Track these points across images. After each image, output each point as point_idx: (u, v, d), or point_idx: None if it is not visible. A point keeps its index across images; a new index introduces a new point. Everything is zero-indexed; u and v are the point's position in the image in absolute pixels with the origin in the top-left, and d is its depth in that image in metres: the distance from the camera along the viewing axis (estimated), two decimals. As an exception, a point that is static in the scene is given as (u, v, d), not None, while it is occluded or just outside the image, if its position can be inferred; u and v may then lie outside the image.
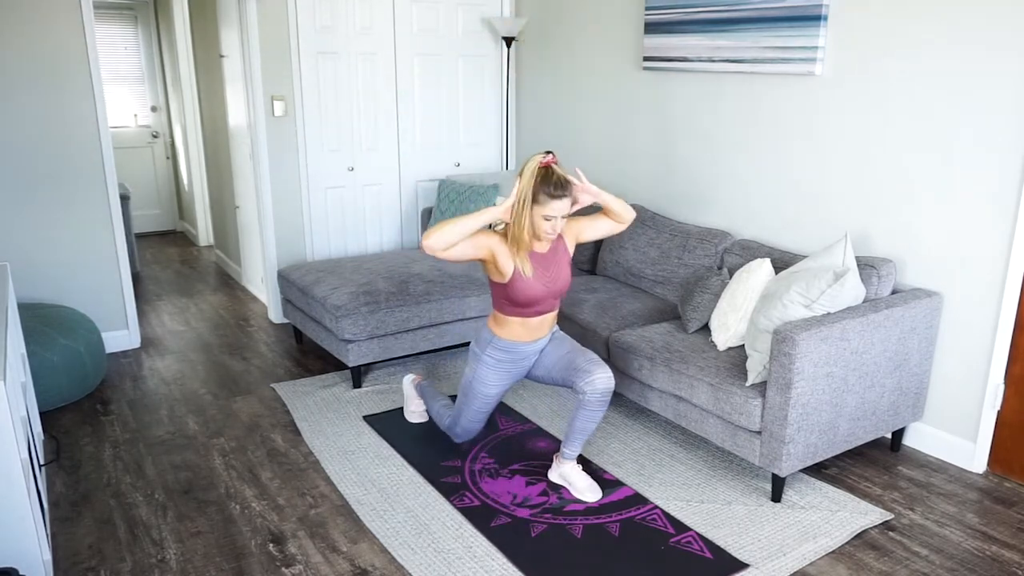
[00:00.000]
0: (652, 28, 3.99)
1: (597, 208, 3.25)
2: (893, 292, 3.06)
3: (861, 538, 2.60)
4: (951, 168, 2.92)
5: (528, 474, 2.98)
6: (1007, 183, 2.78)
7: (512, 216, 2.63)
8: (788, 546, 2.54)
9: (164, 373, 4.01)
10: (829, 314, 2.76)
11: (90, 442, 3.27)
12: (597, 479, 2.93)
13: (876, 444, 3.23)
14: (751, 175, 3.69)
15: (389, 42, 4.71)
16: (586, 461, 3.07)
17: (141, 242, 7.03)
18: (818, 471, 3.02)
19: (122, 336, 4.30)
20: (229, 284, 5.71)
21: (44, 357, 3.43)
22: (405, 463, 3.06)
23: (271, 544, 2.57)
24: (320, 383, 3.84)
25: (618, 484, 2.91)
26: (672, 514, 2.72)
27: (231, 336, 4.57)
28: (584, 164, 4.68)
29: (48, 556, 2.34)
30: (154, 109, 7.06)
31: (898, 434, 3.17)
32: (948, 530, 2.66)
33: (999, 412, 2.97)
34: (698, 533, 2.60)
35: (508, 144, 5.20)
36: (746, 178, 3.72)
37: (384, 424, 3.39)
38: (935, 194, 2.99)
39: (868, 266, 2.98)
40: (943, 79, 2.90)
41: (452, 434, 3.11)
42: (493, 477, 2.96)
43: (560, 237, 2.80)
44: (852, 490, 2.90)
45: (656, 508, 2.75)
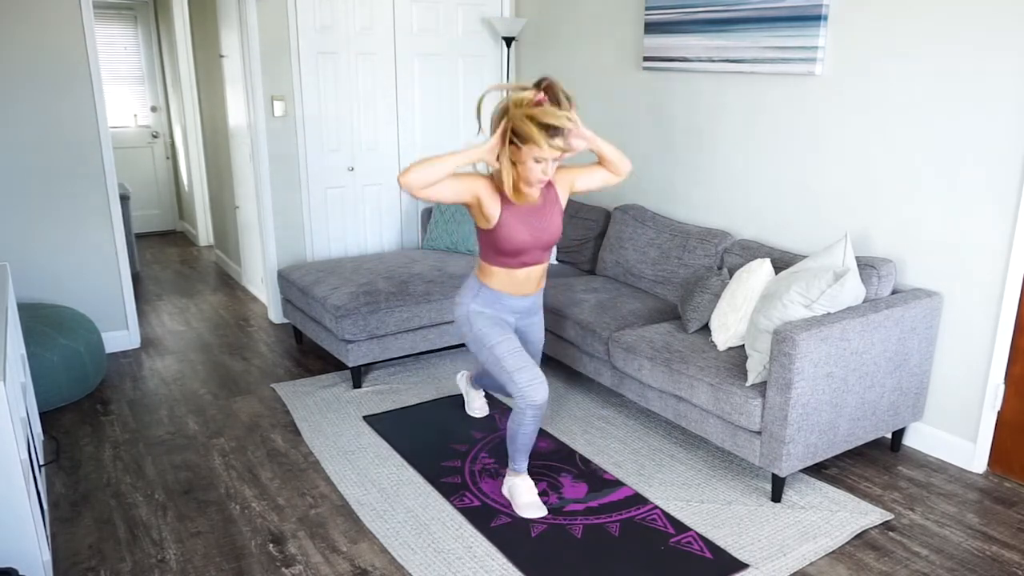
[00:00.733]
0: (652, 28, 3.99)
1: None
2: (893, 292, 3.06)
3: (861, 538, 2.60)
4: (951, 168, 2.92)
5: (528, 474, 2.97)
6: (1007, 183, 2.78)
7: (499, 159, 2.48)
8: (788, 546, 2.54)
9: (164, 373, 4.01)
10: (829, 314, 2.76)
11: (90, 442, 3.27)
12: (597, 479, 2.93)
13: (876, 444, 3.23)
14: (751, 175, 3.69)
15: (389, 42, 4.71)
16: (586, 461, 3.07)
17: (141, 242, 7.03)
18: (818, 471, 3.02)
19: (122, 336, 4.30)
20: (229, 284, 5.71)
21: (44, 357, 3.43)
22: (405, 463, 3.06)
23: (271, 544, 2.57)
24: (320, 383, 3.84)
25: (618, 484, 2.91)
26: (672, 514, 2.71)
27: (231, 336, 4.57)
28: (584, 164, 4.67)
29: (48, 556, 2.34)
30: (154, 109, 7.06)
31: (898, 434, 3.17)
32: (948, 530, 2.65)
33: (999, 412, 2.97)
34: (698, 533, 2.60)
35: (508, 144, 5.19)
36: (746, 178, 3.72)
37: (384, 424, 3.39)
38: (935, 194, 2.99)
39: (868, 266, 2.98)
40: (943, 79, 2.90)
41: (525, 399, 2.61)
42: (493, 477, 2.96)
43: (552, 186, 2.67)
44: (852, 490, 2.90)
45: (656, 508, 2.75)
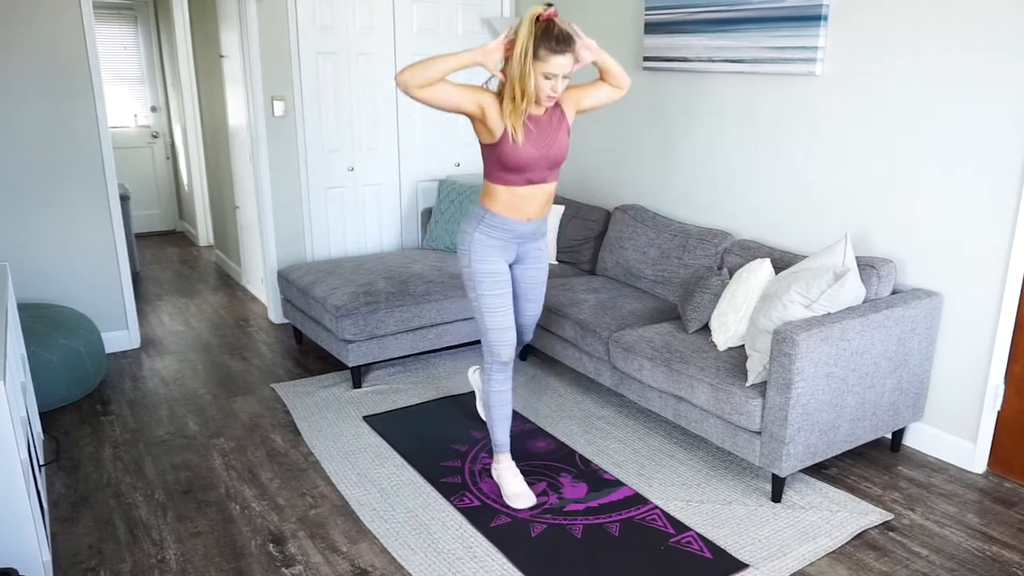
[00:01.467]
0: (652, 28, 3.99)
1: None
2: (893, 292, 3.06)
3: (861, 538, 2.60)
4: (951, 168, 2.92)
5: (527, 474, 2.97)
6: (1007, 183, 2.77)
7: (506, 73, 2.45)
8: (788, 546, 2.54)
9: (164, 373, 4.01)
10: (829, 314, 2.76)
11: (90, 442, 3.27)
12: (597, 479, 2.93)
13: (876, 444, 3.23)
14: (751, 175, 3.69)
15: (389, 42, 4.71)
16: (586, 461, 3.07)
17: (141, 242, 7.03)
18: (818, 471, 3.02)
19: (122, 336, 4.30)
20: (229, 284, 5.71)
21: (44, 357, 3.43)
22: (405, 463, 3.06)
23: (271, 544, 2.57)
24: (320, 383, 3.84)
25: (618, 484, 2.91)
26: (672, 514, 2.71)
27: (231, 336, 4.57)
28: (584, 163, 4.68)
29: (48, 556, 2.34)
30: (154, 109, 7.07)
31: (898, 434, 3.17)
32: (948, 530, 2.65)
33: (999, 412, 2.97)
34: (698, 533, 2.60)
35: (508, 144, 5.20)
36: (746, 178, 3.71)
37: (384, 424, 3.39)
38: (935, 194, 2.99)
39: (868, 266, 2.98)
40: (943, 79, 2.90)
41: (492, 354, 2.75)
42: (493, 477, 2.96)
43: (558, 105, 2.63)
44: (852, 490, 2.90)
45: (656, 508, 2.75)
